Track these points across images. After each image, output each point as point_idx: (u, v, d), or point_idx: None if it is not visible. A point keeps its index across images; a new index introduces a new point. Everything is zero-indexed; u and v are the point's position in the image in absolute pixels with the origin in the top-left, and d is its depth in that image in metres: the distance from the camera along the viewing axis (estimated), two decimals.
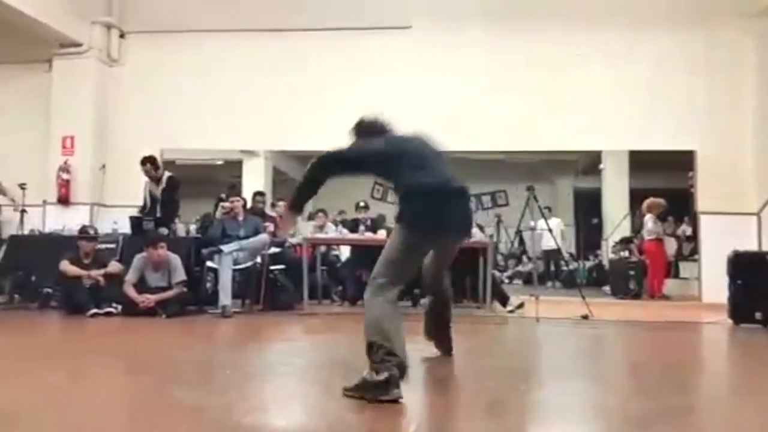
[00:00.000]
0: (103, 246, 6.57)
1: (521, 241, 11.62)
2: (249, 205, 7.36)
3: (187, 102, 8.64)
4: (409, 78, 8.36)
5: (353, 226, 7.65)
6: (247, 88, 8.53)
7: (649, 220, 9.06)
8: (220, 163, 12.75)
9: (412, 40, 8.41)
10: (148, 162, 6.99)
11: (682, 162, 8.48)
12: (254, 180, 10.97)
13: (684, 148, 8.12)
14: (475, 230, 7.13)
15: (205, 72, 8.68)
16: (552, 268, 11.65)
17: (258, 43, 8.66)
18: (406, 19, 8.46)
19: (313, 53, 8.52)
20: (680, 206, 9.80)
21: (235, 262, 6.26)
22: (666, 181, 10.30)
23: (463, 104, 8.13)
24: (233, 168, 12.05)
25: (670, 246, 9.91)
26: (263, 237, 6.56)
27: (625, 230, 11.20)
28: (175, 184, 7.02)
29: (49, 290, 6.45)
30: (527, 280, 11.42)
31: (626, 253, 9.81)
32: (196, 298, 6.29)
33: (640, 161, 10.66)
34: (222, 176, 12.00)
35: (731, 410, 2.54)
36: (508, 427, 2.10)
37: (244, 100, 8.50)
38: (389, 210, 12.63)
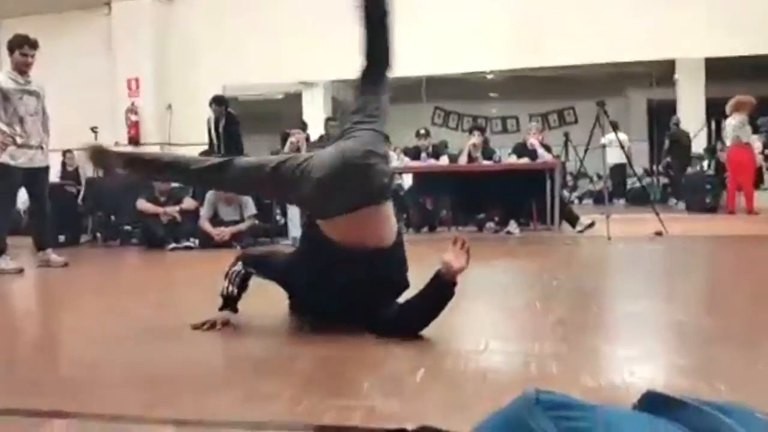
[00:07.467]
0: (176, 184, 6.81)
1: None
2: (321, 133, 7.45)
3: (244, 36, 8.64)
4: None
5: (415, 153, 7.59)
6: (303, 17, 8.41)
7: (736, 122, 8.13)
8: (280, 96, 12.81)
9: None
10: (224, 103, 7.16)
11: (763, 67, 7.90)
12: (314, 111, 10.98)
13: (765, 51, 7.54)
14: (541, 151, 6.97)
15: (259, 4, 8.60)
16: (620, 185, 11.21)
17: None
18: None
19: None
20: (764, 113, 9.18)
21: None
22: (747, 90, 9.63)
23: (530, 17, 7.76)
24: (293, 101, 12.09)
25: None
26: None
27: (701, 142, 10.65)
28: (234, 119, 7.17)
29: (129, 228, 6.79)
30: (597, 199, 11.13)
31: (704, 165, 9.34)
32: (267, 230, 6.48)
33: (718, 69, 9.98)
34: (284, 110, 12.07)
35: None
36: (579, 346, 2.09)
37: (301, 30, 8.41)
38: (450, 135, 12.50)
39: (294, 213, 6.16)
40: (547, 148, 7.14)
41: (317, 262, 2.29)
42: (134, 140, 8.90)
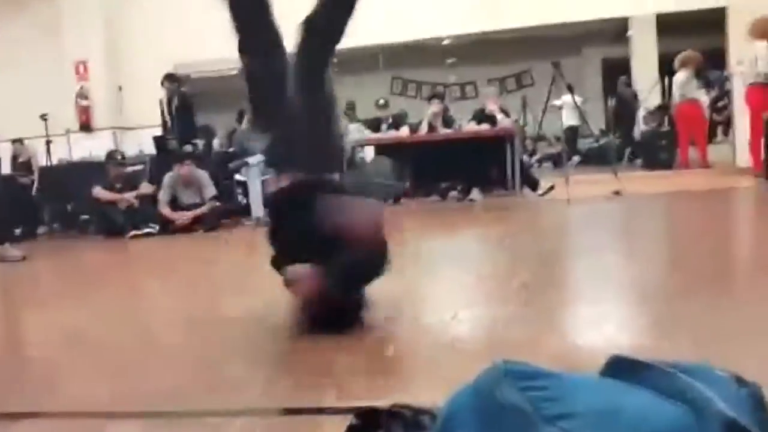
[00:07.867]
0: (130, 169, 6.67)
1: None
2: None
3: (193, 11, 8.36)
4: None
5: (375, 125, 7.54)
6: None
7: (683, 78, 8.16)
8: (234, 72, 12.51)
9: None
10: (176, 81, 6.95)
11: (712, 21, 8.04)
12: None
13: (714, 5, 7.67)
14: (500, 116, 6.99)
15: None
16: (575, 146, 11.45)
17: None
18: None
19: None
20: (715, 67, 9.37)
21: (263, 173, 6.29)
22: (698, 43, 9.76)
23: None
24: None
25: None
26: None
27: (656, 99, 10.83)
28: (187, 101, 6.98)
29: (86, 217, 6.63)
30: (557, 161, 11.28)
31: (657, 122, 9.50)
32: (231, 211, 6.40)
33: (670, 24, 10.10)
34: (238, 86, 11.78)
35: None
36: (544, 310, 2.13)
37: None
38: (410, 104, 12.43)
39: (255, 192, 6.08)
40: (506, 114, 7.17)
41: None
42: (86, 125, 8.62)
